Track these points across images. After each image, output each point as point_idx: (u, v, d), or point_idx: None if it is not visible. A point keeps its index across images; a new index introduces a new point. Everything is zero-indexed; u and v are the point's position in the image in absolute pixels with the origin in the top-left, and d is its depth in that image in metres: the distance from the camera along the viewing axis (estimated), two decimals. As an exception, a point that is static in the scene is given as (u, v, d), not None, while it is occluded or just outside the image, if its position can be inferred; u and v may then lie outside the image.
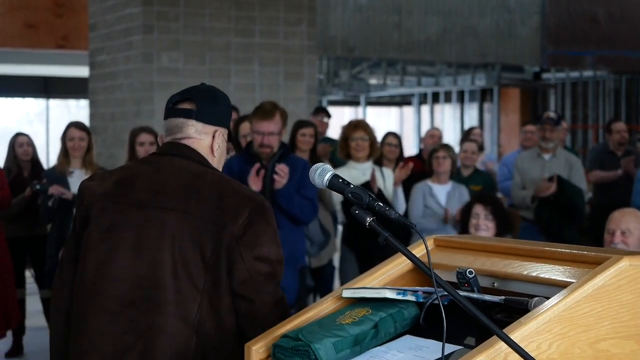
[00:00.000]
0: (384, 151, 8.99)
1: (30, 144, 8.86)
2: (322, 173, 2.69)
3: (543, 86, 19.26)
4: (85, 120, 12.67)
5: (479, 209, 6.33)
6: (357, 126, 8.05)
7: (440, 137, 10.74)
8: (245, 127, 7.40)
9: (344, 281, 7.87)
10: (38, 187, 7.79)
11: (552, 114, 9.18)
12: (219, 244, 3.11)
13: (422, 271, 2.46)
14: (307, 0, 11.87)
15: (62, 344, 3.36)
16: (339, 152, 8.31)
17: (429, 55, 17.67)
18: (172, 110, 3.32)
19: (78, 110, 20.87)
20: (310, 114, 10.85)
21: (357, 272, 7.64)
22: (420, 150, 11.26)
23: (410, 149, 18.78)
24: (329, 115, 11.07)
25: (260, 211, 3.16)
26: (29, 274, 9.29)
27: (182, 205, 3.17)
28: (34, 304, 9.15)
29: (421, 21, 17.34)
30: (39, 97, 20.90)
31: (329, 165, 2.70)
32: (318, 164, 2.71)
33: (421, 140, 11.40)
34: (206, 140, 3.31)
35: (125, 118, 11.59)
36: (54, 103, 21.03)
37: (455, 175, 8.94)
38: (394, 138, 9.35)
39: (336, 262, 8.69)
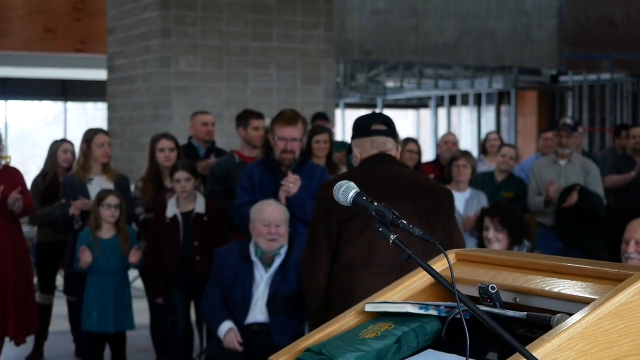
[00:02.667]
0: (404, 158, 8.96)
1: (73, 152, 8.88)
2: (346, 191, 2.73)
3: (560, 89, 19.22)
4: (103, 124, 12.72)
5: (487, 222, 6.30)
6: None
7: (455, 143, 10.65)
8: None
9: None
10: (58, 212, 7.87)
11: (568, 120, 9.21)
12: (441, 215, 4.66)
13: (444, 287, 2.48)
14: (325, 4, 11.90)
15: (322, 306, 4.69)
16: None
17: (446, 59, 17.65)
18: (374, 131, 4.74)
19: (95, 112, 20.96)
20: (310, 121, 10.77)
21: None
22: (437, 156, 11.22)
23: (427, 151, 18.78)
24: (327, 120, 10.92)
25: (450, 195, 4.81)
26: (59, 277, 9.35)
27: (410, 195, 4.63)
28: (57, 307, 9.22)
29: (438, 24, 17.33)
30: (57, 100, 20.99)
31: (352, 183, 2.73)
32: (342, 181, 2.74)
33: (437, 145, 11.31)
34: (394, 151, 4.79)
35: (143, 122, 11.63)
36: (72, 106, 21.11)
37: (488, 180, 8.94)
38: (414, 145, 9.32)
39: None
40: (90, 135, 7.97)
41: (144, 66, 11.61)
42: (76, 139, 10.78)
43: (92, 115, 21.03)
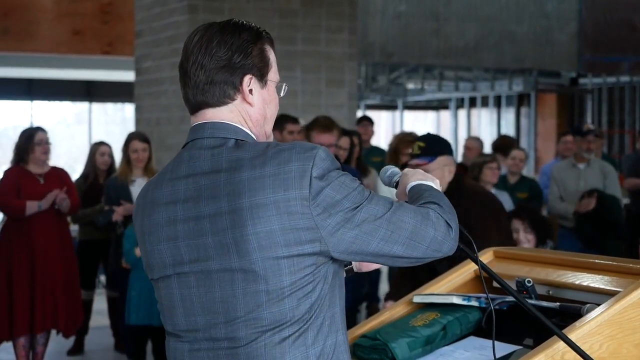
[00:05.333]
0: None
1: (111, 154, 9.21)
2: (391, 175, 2.85)
3: (580, 91, 19.38)
4: (124, 123, 12.99)
5: (517, 224, 6.56)
6: (412, 142, 8.20)
7: (477, 149, 10.83)
8: None
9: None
10: (102, 219, 8.15)
11: (591, 126, 9.46)
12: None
13: (492, 279, 2.78)
14: (349, 9, 12.10)
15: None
16: (388, 160, 8.59)
17: (467, 61, 17.85)
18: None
19: (115, 112, 21.25)
20: (356, 124, 11.09)
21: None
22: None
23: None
24: (372, 123, 11.34)
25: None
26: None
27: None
28: (97, 303, 9.57)
29: (459, 27, 17.54)
30: (82, 101, 21.30)
31: (397, 169, 2.87)
32: (388, 165, 2.92)
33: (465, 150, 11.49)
34: None
35: (171, 123, 11.88)
36: (96, 106, 21.43)
37: (501, 183, 9.22)
38: None
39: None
40: (127, 140, 8.28)
41: (171, 69, 11.82)
42: (99, 138, 11.07)
43: (112, 115, 21.33)
